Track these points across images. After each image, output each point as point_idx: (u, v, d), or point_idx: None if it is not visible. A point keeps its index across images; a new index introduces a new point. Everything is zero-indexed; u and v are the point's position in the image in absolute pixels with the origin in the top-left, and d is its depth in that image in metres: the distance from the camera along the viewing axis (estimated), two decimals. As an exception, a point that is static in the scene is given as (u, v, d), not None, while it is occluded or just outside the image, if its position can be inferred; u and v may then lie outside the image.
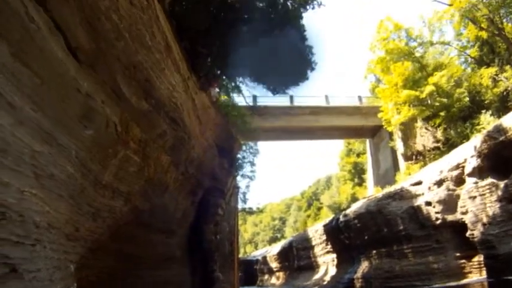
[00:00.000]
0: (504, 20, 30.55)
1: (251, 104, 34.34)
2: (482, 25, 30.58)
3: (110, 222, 6.99)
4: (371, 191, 39.16)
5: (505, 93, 27.15)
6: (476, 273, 21.31)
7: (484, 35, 30.85)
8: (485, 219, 19.25)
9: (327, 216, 44.19)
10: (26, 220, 3.16)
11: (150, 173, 9.04)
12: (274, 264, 53.00)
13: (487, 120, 25.66)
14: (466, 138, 26.32)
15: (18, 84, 3.71)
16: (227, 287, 22.09)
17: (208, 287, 20.86)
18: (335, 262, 36.82)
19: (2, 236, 2.58)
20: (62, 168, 4.27)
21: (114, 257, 10.36)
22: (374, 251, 28.04)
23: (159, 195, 11.33)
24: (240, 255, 39.35)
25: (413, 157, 34.77)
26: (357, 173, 50.18)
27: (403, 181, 29.42)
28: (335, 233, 33.88)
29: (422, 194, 24.57)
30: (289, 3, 13.17)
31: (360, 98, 44.72)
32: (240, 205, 34.73)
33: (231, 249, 23.59)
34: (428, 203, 23.65)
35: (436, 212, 23.03)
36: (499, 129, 18.74)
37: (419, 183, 25.40)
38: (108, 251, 8.99)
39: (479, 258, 20.95)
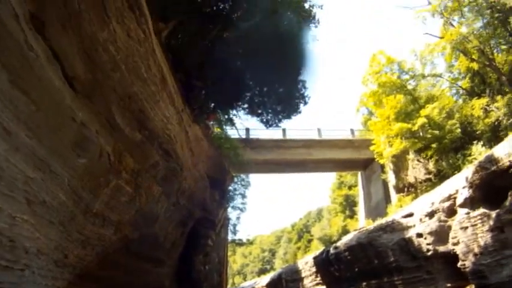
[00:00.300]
0: (494, 51, 31.07)
1: (244, 136, 34.58)
2: (473, 56, 30.99)
3: (99, 250, 6.98)
4: (362, 223, 38.95)
5: (496, 123, 27.31)
6: None
7: (475, 66, 31.18)
8: (476, 249, 19.22)
9: (317, 249, 43.78)
10: (16, 245, 3.21)
11: (142, 202, 9.07)
12: (264, 298, 52.23)
13: (479, 151, 25.76)
14: (458, 169, 26.40)
15: (15, 110, 3.80)
16: (216, 320, 21.70)
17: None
18: (325, 295, 36.40)
19: (-8, 260, 2.62)
20: (54, 195, 4.34)
21: (102, 284, 10.25)
22: (364, 283, 27.69)
23: (149, 224, 11.31)
24: (229, 287, 38.65)
25: (405, 189, 34.81)
26: (348, 205, 50.14)
27: (395, 213, 29.34)
28: (325, 265, 33.59)
29: (414, 225, 24.54)
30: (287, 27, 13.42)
31: (352, 131, 45.02)
32: (230, 236, 34.59)
33: (220, 280, 23.32)
34: (420, 235, 23.60)
35: (428, 244, 22.97)
36: (491, 160, 18.93)
37: (410, 215, 25.40)
38: (95, 279, 8.91)
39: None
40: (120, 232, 8.15)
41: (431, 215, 23.26)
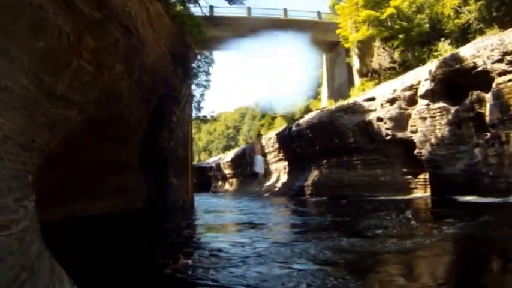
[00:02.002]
0: None
1: (208, 14, 33.38)
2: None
3: (65, 132, 7.09)
4: (325, 104, 40.03)
5: (466, 25, 27.26)
6: (421, 189, 23.02)
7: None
8: (433, 140, 20.48)
9: (280, 126, 45.19)
10: (-19, 133, 3.25)
11: (104, 81, 8.99)
12: (227, 171, 54.56)
13: (445, 48, 26.00)
14: (423, 62, 26.81)
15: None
16: (181, 193, 22.88)
17: (162, 192, 21.58)
18: (287, 170, 38.62)
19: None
20: (16, 80, 4.29)
21: (70, 166, 10.53)
22: (324, 161, 29.49)
23: (113, 103, 11.34)
24: (195, 163, 40.20)
25: (369, 74, 35.41)
26: (312, 86, 50.79)
27: (357, 96, 30.26)
28: (287, 141, 35.04)
29: (375, 110, 25.45)
30: None
31: (319, 13, 44.49)
32: (195, 113, 35.06)
33: (185, 155, 24.09)
34: (380, 119, 24.65)
35: (387, 128, 24.14)
36: (456, 58, 19.36)
37: (372, 99, 26.20)
38: (64, 161, 9.13)
39: (425, 176, 22.51)
40: (85, 112, 8.19)
41: (392, 101, 24.05)
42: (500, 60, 16.87)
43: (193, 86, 30.36)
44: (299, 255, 7.39)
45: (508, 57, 16.66)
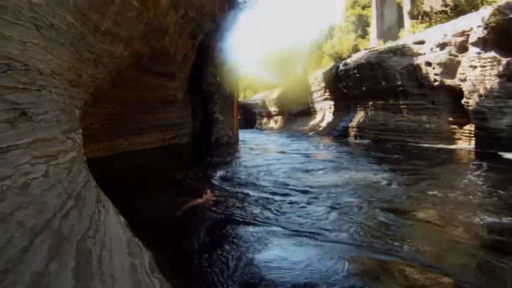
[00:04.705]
0: None
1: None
2: None
3: (111, 68, 7.19)
4: (373, 44, 38.46)
5: None
6: (465, 140, 22.15)
7: None
8: (482, 91, 19.40)
9: (328, 65, 44.10)
10: (31, 68, 3.33)
11: (149, 16, 8.94)
12: (273, 109, 54.42)
13: None
14: (476, 7, 24.93)
15: None
16: (226, 129, 23.23)
17: (208, 127, 22.03)
18: (332, 109, 38.05)
19: (9, 84, 2.79)
20: (61, 18, 4.32)
21: (117, 103, 10.79)
22: (370, 103, 28.80)
23: (159, 39, 11.35)
24: (240, 99, 40.26)
25: (419, 17, 33.47)
26: (361, 25, 48.63)
27: (406, 38, 28.82)
28: (334, 81, 34.21)
29: (424, 53, 24.21)
30: None
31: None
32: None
33: (231, 92, 24.19)
34: (429, 64, 23.50)
35: (435, 74, 23.03)
36: (510, 6, 17.93)
37: (422, 42, 24.85)
38: (110, 98, 9.36)
39: (470, 127, 21.55)
40: (131, 47, 8.25)
41: (442, 46, 22.78)
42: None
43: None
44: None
45: None
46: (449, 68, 22.21)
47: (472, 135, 21.19)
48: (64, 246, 2.19)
